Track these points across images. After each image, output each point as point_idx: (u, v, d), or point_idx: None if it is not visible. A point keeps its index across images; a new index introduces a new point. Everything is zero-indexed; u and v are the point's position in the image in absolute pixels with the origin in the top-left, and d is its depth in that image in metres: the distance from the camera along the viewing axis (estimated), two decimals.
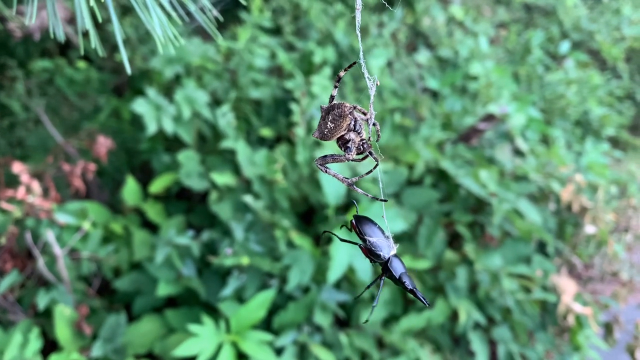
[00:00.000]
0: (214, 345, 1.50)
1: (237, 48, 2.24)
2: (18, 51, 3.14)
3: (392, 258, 0.62)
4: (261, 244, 1.68)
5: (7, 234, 1.75)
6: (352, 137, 0.59)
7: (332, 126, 0.58)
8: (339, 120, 0.58)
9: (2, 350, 1.45)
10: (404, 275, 0.62)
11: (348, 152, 0.59)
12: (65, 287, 1.72)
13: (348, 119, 0.58)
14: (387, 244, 0.63)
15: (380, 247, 0.62)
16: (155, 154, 2.13)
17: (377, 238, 0.63)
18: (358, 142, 0.60)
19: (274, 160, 1.80)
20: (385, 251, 0.62)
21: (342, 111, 0.58)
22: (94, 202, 1.95)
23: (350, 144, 0.59)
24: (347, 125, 0.59)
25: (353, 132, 0.59)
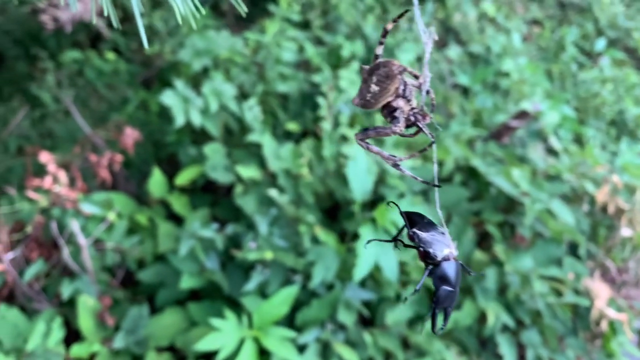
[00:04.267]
0: (235, 341, 1.49)
1: (265, 41, 2.22)
2: (50, 43, 3.17)
3: (443, 264, 0.51)
4: (285, 239, 1.66)
5: (34, 223, 1.76)
6: (400, 105, 0.48)
7: (376, 90, 0.48)
8: (386, 82, 0.48)
9: (25, 339, 1.45)
10: (442, 292, 0.51)
11: (395, 123, 0.49)
12: (89, 278, 1.72)
13: (397, 80, 0.48)
14: (442, 240, 0.52)
15: (435, 243, 0.52)
16: (182, 146, 2.13)
17: (429, 233, 0.52)
18: (408, 111, 0.49)
19: (299, 154, 1.77)
20: (438, 249, 0.52)
21: (389, 70, 0.47)
22: (119, 193, 1.95)
23: (398, 114, 0.48)
24: (396, 89, 0.48)
25: (402, 99, 0.49)
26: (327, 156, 1.76)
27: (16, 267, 1.74)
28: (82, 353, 1.48)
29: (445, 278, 0.51)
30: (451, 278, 0.51)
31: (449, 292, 0.51)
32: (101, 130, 2.21)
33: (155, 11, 2.89)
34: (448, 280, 0.51)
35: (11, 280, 1.72)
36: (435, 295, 0.51)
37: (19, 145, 2.41)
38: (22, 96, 3.10)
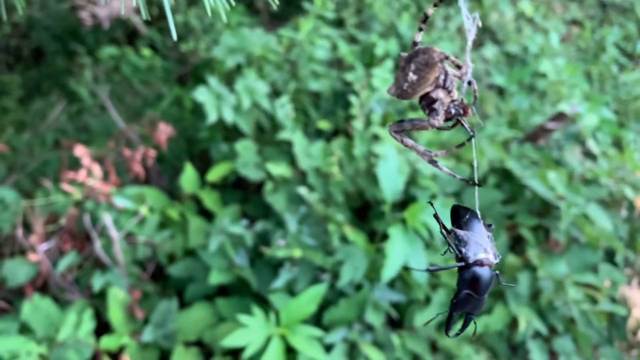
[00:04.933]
0: (262, 338, 1.49)
1: (299, 39, 2.21)
2: (88, 39, 3.23)
3: (473, 268, 0.47)
4: (314, 237, 1.65)
5: (68, 216, 1.79)
6: (440, 96, 0.45)
7: (414, 79, 0.45)
8: (425, 70, 0.44)
9: (57, 328, 1.48)
10: (462, 297, 0.48)
11: (433, 116, 0.45)
12: (120, 271, 1.74)
13: (437, 69, 0.44)
14: (482, 242, 0.49)
15: (472, 244, 0.48)
16: (214, 142, 2.14)
17: (472, 233, 0.49)
18: (448, 103, 0.45)
19: (330, 152, 1.76)
20: (473, 250, 0.48)
21: (429, 58, 0.44)
22: (152, 188, 1.97)
23: (437, 105, 0.45)
24: (435, 78, 0.44)
25: (442, 90, 0.45)
26: (358, 155, 1.74)
27: (50, 258, 1.78)
28: (112, 345, 1.50)
29: (471, 283, 0.48)
30: (478, 285, 0.48)
31: (470, 297, 0.48)
32: (135, 126, 2.24)
33: (190, 8, 2.91)
34: (474, 286, 0.48)
35: (45, 271, 1.75)
36: (454, 298, 0.49)
37: (56, 138, 2.46)
38: (60, 91, 3.17)
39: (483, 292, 0.48)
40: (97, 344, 1.52)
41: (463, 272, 0.49)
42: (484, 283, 0.48)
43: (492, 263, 0.49)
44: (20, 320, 1.52)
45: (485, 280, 0.48)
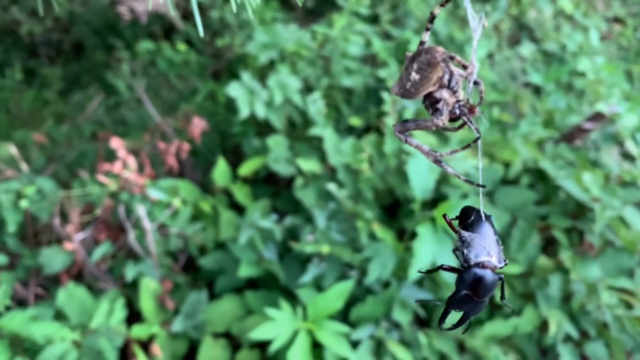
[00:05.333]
0: (289, 332, 1.50)
1: (332, 35, 2.22)
2: (126, 33, 3.30)
3: (474, 269, 0.47)
4: (343, 234, 1.65)
5: (103, 206, 1.84)
6: (444, 97, 0.45)
7: (417, 78, 0.45)
8: (427, 70, 0.44)
9: (90, 316, 1.52)
10: (458, 297, 0.47)
11: (437, 116, 0.45)
12: (153, 261, 1.78)
13: (440, 69, 0.44)
14: (486, 245, 0.48)
15: (476, 246, 0.48)
16: (247, 137, 2.16)
17: (477, 235, 0.48)
18: (452, 103, 0.45)
19: (360, 149, 1.76)
20: (476, 252, 0.48)
21: (431, 58, 0.44)
22: (185, 181, 2.00)
23: (441, 105, 0.45)
24: (438, 78, 0.44)
25: (446, 90, 0.45)
26: (389, 152, 1.73)
27: (85, 248, 1.82)
28: (142, 334, 1.54)
29: (469, 284, 0.48)
30: (477, 287, 0.47)
31: (468, 298, 0.48)
32: (170, 119, 2.27)
33: (226, 4, 2.94)
34: (472, 287, 0.48)
35: (80, 260, 1.80)
36: (451, 297, 0.49)
37: (93, 130, 2.52)
38: (99, 84, 3.24)
39: (483, 294, 0.48)
40: (128, 333, 1.55)
41: (463, 273, 0.49)
42: (483, 286, 0.47)
43: (494, 266, 0.48)
44: (55, 307, 1.56)
45: (485, 283, 0.47)
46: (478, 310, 0.50)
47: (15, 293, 1.75)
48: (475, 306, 0.49)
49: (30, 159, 2.20)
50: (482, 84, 0.47)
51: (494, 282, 0.48)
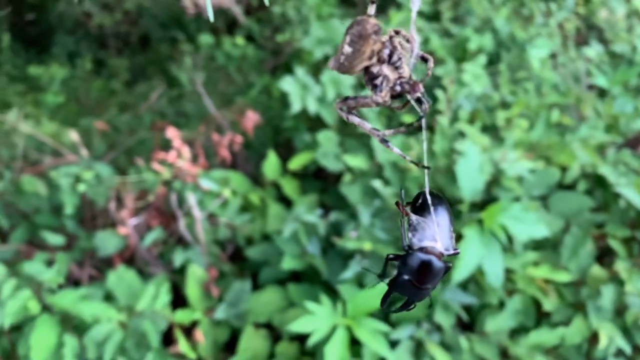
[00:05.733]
0: (328, 326, 1.50)
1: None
2: (190, 27, 3.39)
3: (417, 253, 0.46)
4: (386, 232, 1.64)
5: (156, 193, 1.90)
6: (384, 72, 0.43)
7: (349, 51, 0.43)
8: (359, 42, 0.42)
9: (138, 299, 1.57)
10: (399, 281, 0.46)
11: (376, 92, 0.43)
12: (201, 249, 1.82)
13: (371, 41, 0.42)
14: (434, 232, 0.47)
15: (422, 230, 0.47)
16: (298, 132, 2.17)
17: (427, 223, 0.47)
18: (394, 80, 0.43)
19: (408, 147, 1.73)
20: (420, 237, 0.47)
21: (362, 29, 0.42)
22: (237, 172, 2.04)
23: (380, 81, 0.43)
24: (372, 52, 0.42)
25: (387, 66, 0.43)
26: (438, 151, 1.70)
27: (138, 233, 1.89)
28: (185, 319, 1.58)
29: (411, 269, 0.47)
30: (419, 272, 0.46)
31: (409, 284, 0.47)
32: (226, 112, 2.32)
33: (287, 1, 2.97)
34: (415, 272, 0.46)
35: (133, 244, 1.87)
36: (392, 280, 0.47)
37: (153, 120, 2.60)
38: (163, 76, 3.35)
39: (425, 281, 0.47)
40: (172, 317, 1.60)
41: (405, 256, 0.47)
42: (426, 271, 0.46)
43: (438, 253, 0.47)
44: (105, 288, 1.63)
45: (428, 269, 0.46)
46: (421, 297, 0.48)
47: (71, 273, 1.83)
48: (418, 293, 0.48)
49: (92, 146, 2.30)
50: (432, 61, 0.45)
51: (438, 269, 0.47)
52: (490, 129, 2.02)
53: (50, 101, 3.00)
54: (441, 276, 0.48)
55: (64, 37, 3.45)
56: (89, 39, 3.53)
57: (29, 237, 1.91)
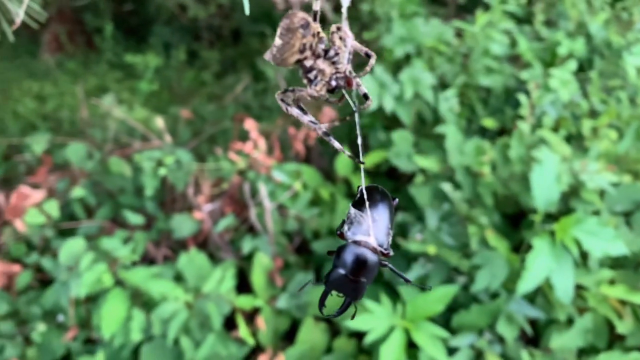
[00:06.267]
0: (386, 326, 1.49)
1: (474, 32, 2.14)
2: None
3: (350, 245, 0.46)
4: (453, 237, 1.60)
5: (231, 182, 1.96)
6: (318, 66, 0.44)
7: (279, 43, 0.44)
8: (287, 35, 0.43)
9: (205, 281, 1.63)
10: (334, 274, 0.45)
11: (311, 85, 0.44)
12: (269, 239, 1.86)
13: (299, 34, 0.43)
14: (370, 226, 0.47)
15: (357, 225, 0.47)
16: (373, 130, 2.17)
17: (366, 217, 0.47)
18: (330, 74, 0.44)
19: (483, 151, 1.69)
20: (356, 231, 0.47)
21: (290, 23, 0.44)
22: (309, 166, 2.07)
23: (313, 75, 0.44)
24: (302, 45, 0.44)
25: (323, 60, 0.45)
26: (514, 157, 1.64)
27: (212, 218, 1.96)
28: (247, 304, 1.62)
29: (344, 260, 0.46)
30: (352, 264, 0.46)
31: (344, 277, 0.46)
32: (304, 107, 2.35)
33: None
34: (348, 264, 0.46)
35: (206, 229, 1.94)
36: (327, 274, 0.47)
37: (237, 111, 2.68)
38: (251, 69, 3.44)
39: (359, 273, 0.46)
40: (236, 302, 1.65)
41: (339, 248, 0.47)
42: (359, 263, 0.46)
43: (372, 247, 0.47)
44: (176, 269, 1.71)
45: (361, 261, 0.46)
46: (357, 293, 0.48)
47: (148, 252, 1.93)
48: (354, 287, 0.47)
49: (177, 133, 2.41)
50: (374, 57, 0.45)
51: (372, 262, 0.46)
52: (575, 138, 1.93)
53: (144, 88, 3.17)
54: (376, 271, 0.48)
55: (161, 27, 3.63)
56: (183, 30, 3.69)
57: (112, 214, 2.04)
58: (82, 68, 3.73)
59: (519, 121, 1.86)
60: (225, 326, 1.64)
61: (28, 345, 1.60)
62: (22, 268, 1.78)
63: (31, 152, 2.23)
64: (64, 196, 2.04)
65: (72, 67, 3.72)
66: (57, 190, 2.05)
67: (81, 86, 3.11)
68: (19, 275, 1.74)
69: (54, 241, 1.86)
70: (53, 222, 1.89)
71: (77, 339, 1.63)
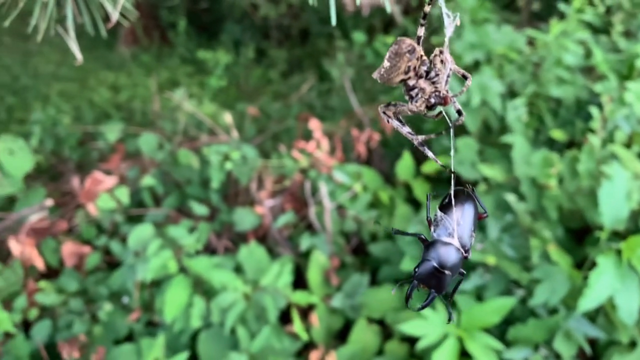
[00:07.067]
0: (439, 333, 1.49)
1: (547, 41, 2.09)
2: (347, 24, 3.48)
3: (437, 242, 0.50)
4: (514, 249, 1.58)
5: (293, 180, 2.00)
6: (421, 86, 0.50)
7: (387, 65, 0.50)
8: (395, 59, 0.49)
9: (263, 274, 1.68)
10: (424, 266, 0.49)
11: (412, 102, 0.50)
12: (327, 238, 1.89)
13: (405, 59, 0.49)
14: (454, 230, 0.51)
15: (442, 226, 0.51)
16: None
17: (448, 218, 0.51)
18: (429, 92, 0.49)
19: (551, 163, 1.65)
20: (442, 233, 0.51)
21: (399, 48, 0.49)
22: (370, 169, 2.08)
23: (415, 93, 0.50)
24: (407, 67, 0.49)
25: (424, 80, 0.50)
26: (582, 171, 1.60)
27: (272, 214, 2.01)
28: (302, 300, 1.65)
29: (432, 254, 0.50)
30: (440, 257, 0.50)
31: (433, 269, 0.50)
32: (368, 109, 2.37)
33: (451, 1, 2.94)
34: (435, 257, 0.50)
35: (266, 224, 1.99)
36: (417, 266, 0.50)
37: (301, 110, 2.73)
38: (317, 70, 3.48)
39: (446, 266, 0.50)
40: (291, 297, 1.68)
41: (428, 244, 0.51)
42: (446, 257, 0.50)
43: (456, 247, 0.51)
44: (236, 261, 1.76)
45: (447, 255, 0.50)
46: (443, 285, 0.51)
47: (210, 242, 2.00)
48: (440, 280, 0.50)
49: (243, 128, 2.48)
50: (470, 79, 0.51)
51: (458, 259, 0.50)
52: None
53: (214, 84, 3.27)
54: (460, 266, 0.51)
55: (232, 25, 3.73)
56: (253, 29, 3.78)
57: (178, 204, 2.12)
58: (156, 61, 3.88)
59: (590, 134, 1.81)
60: (280, 320, 1.68)
61: (94, 322, 1.68)
62: (91, 250, 1.87)
63: (105, 140, 2.34)
64: (134, 184, 2.13)
65: (146, 60, 3.87)
66: (128, 177, 2.15)
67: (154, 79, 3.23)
68: (88, 256, 1.84)
69: (122, 226, 1.95)
70: (123, 208, 1.98)
71: (139, 321, 1.70)
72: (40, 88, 3.43)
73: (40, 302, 1.66)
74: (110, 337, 1.67)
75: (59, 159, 2.51)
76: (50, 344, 1.65)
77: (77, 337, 1.62)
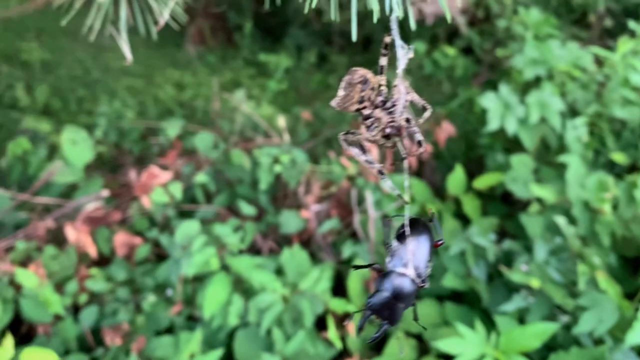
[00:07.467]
0: (476, 354, 1.45)
1: (613, 60, 2.01)
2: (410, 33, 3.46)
3: (391, 273, 0.50)
4: (561, 273, 1.52)
5: (340, 186, 2.00)
6: (376, 115, 0.50)
7: (342, 95, 0.51)
8: (349, 88, 0.50)
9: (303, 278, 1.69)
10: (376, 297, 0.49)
11: (368, 131, 0.51)
12: (369, 247, 1.88)
13: (358, 89, 0.50)
14: (409, 260, 0.50)
15: (398, 257, 0.51)
16: (492, 151, 2.11)
17: (403, 248, 0.51)
18: (385, 122, 0.50)
19: (606, 187, 1.58)
20: (395, 263, 0.51)
21: (351, 78, 0.50)
22: (420, 180, 2.06)
23: (370, 122, 0.50)
24: (360, 97, 0.50)
25: (380, 110, 0.50)
26: (639, 199, 1.53)
27: (318, 219, 2.02)
28: (339, 308, 1.65)
29: (386, 285, 0.50)
30: (393, 288, 0.50)
31: (385, 299, 0.49)
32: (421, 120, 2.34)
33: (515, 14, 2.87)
34: (389, 288, 0.50)
35: (311, 228, 2.00)
36: (370, 296, 0.50)
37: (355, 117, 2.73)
38: None
39: (398, 298, 0.49)
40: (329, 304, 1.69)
41: (381, 275, 0.52)
42: (399, 288, 0.50)
43: (412, 278, 0.51)
44: (278, 262, 1.78)
45: (400, 286, 0.50)
46: (395, 317, 0.51)
47: (255, 242, 2.03)
48: (393, 311, 0.50)
49: (297, 132, 2.50)
50: (429, 111, 0.51)
51: (411, 290, 0.50)
52: None
53: (273, 87, 3.32)
54: (413, 298, 0.51)
55: (296, 30, 3.77)
56: (316, 34, 3.81)
57: (229, 202, 2.16)
58: (220, 62, 3.98)
59: None
60: (316, 326, 1.68)
61: (138, 312, 1.74)
62: (142, 241, 1.94)
63: (165, 136, 2.42)
64: (188, 180, 2.20)
65: (211, 60, 3.98)
66: (183, 173, 2.21)
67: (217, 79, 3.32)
68: (139, 247, 1.90)
69: (173, 220, 2.01)
70: (175, 203, 2.04)
71: (180, 314, 1.75)
72: (109, 82, 3.58)
73: (90, 289, 1.74)
74: (152, 327, 1.72)
75: (120, 152, 2.61)
76: (95, 329, 1.72)
77: (121, 325, 1.68)
